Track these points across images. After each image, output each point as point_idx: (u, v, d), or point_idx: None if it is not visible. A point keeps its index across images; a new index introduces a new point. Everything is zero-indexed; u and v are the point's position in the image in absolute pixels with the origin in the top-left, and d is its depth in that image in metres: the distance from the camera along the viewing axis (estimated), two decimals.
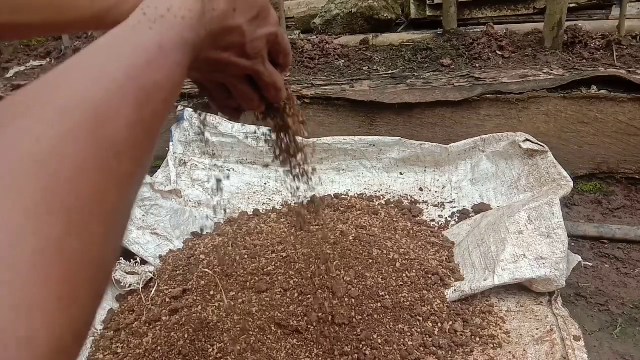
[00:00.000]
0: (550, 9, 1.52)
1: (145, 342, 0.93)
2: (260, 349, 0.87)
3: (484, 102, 1.44)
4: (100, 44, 0.32)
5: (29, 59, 2.34)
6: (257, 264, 1.05)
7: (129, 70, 0.30)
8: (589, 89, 1.38)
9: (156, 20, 0.34)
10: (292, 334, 0.89)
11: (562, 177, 1.14)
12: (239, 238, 1.15)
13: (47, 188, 0.24)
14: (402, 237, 1.15)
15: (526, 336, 0.90)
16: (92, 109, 0.27)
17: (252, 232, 1.19)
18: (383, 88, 1.52)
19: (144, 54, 0.32)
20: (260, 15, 0.45)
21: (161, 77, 0.32)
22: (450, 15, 1.76)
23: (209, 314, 0.95)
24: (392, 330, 0.89)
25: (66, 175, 0.25)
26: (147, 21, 0.34)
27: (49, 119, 0.26)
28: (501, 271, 0.96)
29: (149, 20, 0.34)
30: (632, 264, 1.15)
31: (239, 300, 0.97)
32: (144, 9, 0.35)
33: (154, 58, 0.32)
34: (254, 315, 0.93)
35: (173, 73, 0.34)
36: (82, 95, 0.28)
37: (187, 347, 0.89)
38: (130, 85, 0.30)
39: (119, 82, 0.29)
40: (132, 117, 0.30)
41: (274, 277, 1.01)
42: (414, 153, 1.43)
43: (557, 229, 0.97)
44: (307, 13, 2.28)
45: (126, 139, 0.29)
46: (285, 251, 1.09)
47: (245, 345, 0.87)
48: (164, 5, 0.35)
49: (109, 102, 0.28)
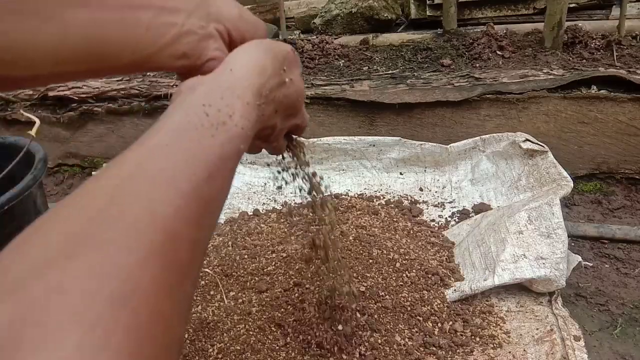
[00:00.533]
0: (550, 9, 1.52)
1: None
2: (261, 349, 0.87)
3: (484, 102, 1.44)
4: (162, 144, 0.31)
5: None
6: (257, 264, 1.05)
7: (193, 184, 0.30)
8: (589, 89, 1.38)
9: (218, 126, 0.34)
10: None
11: (562, 177, 1.14)
12: (239, 238, 1.15)
13: (129, 327, 0.23)
14: (402, 237, 1.15)
15: (526, 336, 0.90)
16: (163, 230, 0.26)
17: (252, 232, 1.19)
18: (383, 88, 1.52)
19: (206, 166, 0.31)
20: (293, 113, 0.48)
21: (217, 189, 0.32)
22: (450, 15, 1.76)
23: (209, 314, 0.95)
24: (392, 330, 0.89)
25: (143, 311, 0.24)
26: (209, 126, 0.33)
27: (125, 243, 0.25)
28: (501, 271, 0.96)
29: (211, 125, 0.33)
30: (632, 264, 1.15)
31: (239, 300, 0.97)
32: (205, 106, 0.34)
33: (215, 170, 0.32)
34: (253, 315, 0.93)
35: (227, 182, 0.34)
36: (154, 213, 0.27)
37: (187, 347, 0.89)
38: (193, 200, 0.29)
39: (186, 197, 0.29)
40: (193, 235, 0.29)
41: (274, 277, 1.01)
42: (414, 153, 1.43)
43: (557, 229, 0.97)
44: (307, 13, 2.28)
45: (189, 260, 0.28)
46: (285, 251, 1.09)
47: (245, 345, 0.87)
48: (226, 110, 0.35)
49: (178, 220, 0.28)
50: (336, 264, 0.81)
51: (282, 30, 2.14)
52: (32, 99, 1.86)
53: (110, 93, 1.80)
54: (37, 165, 1.07)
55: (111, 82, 1.85)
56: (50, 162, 1.86)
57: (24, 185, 1.00)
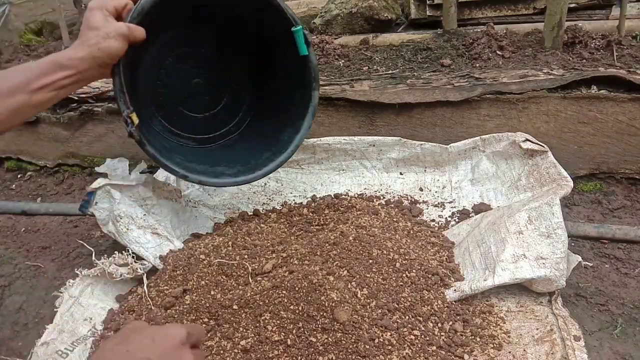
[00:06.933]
0: (550, 9, 1.52)
1: None
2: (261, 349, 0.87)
3: (484, 102, 1.44)
4: None
5: (29, 59, 2.34)
6: (257, 264, 1.05)
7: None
8: (589, 89, 1.37)
9: None
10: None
11: (562, 177, 1.14)
12: (239, 238, 1.15)
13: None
14: (402, 237, 1.15)
15: (526, 336, 0.90)
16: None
17: (252, 232, 1.19)
18: (383, 88, 1.52)
19: None
20: None
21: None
22: (450, 15, 1.76)
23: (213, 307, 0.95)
24: (392, 330, 0.89)
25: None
26: None
27: None
28: (501, 271, 0.96)
29: None
30: (632, 264, 1.15)
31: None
32: None
33: None
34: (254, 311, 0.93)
35: None
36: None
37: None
38: None
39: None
40: None
41: (274, 277, 1.01)
42: (414, 153, 1.43)
43: (557, 229, 0.97)
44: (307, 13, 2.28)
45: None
46: (285, 251, 1.09)
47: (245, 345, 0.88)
48: None
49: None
50: None
51: None
52: None
53: (110, 93, 1.80)
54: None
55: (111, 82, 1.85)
56: (50, 162, 1.86)
57: None
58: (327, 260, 1.03)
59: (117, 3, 0.93)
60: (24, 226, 1.55)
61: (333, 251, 1.05)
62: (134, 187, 1.22)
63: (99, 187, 1.18)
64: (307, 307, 0.90)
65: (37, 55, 2.38)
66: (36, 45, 2.64)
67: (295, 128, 1.27)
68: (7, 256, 1.38)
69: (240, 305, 0.94)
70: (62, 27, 2.37)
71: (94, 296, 1.06)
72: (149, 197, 1.24)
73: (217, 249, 1.11)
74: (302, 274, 0.97)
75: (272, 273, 1.02)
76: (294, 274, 0.98)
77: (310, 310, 0.90)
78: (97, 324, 1.01)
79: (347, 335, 0.86)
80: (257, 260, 1.06)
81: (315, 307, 0.90)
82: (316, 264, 1.01)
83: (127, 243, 1.14)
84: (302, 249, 1.08)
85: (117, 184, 1.20)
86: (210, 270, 1.05)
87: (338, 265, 1.01)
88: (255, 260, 1.06)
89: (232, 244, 1.12)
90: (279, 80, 1.34)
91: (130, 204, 1.20)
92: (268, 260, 1.06)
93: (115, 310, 1.05)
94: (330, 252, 1.05)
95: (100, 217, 1.18)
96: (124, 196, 1.19)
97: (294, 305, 0.91)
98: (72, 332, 0.97)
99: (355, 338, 0.86)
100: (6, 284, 1.26)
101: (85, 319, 1.01)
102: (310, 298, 0.91)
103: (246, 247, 1.11)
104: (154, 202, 1.25)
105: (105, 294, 1.09)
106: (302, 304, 0.91)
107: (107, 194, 1.18)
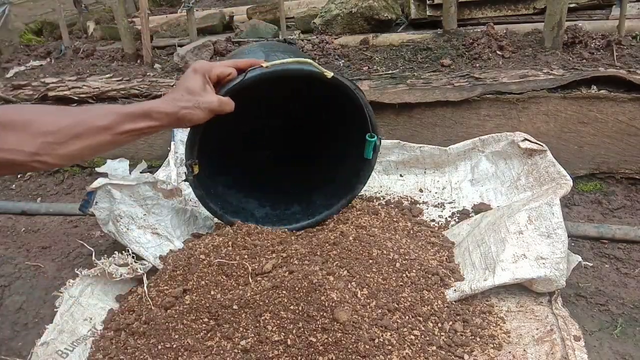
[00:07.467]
0: (550, 9, 1.52)
1: None
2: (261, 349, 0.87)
3: (484, 102, 1.44)
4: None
5: (29, 59, 2.34)
6: (257, 264, 1.05)
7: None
8: (589, 89, 1.38)
9: None
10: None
11: (561, 175, 1.14)
12: (239, 238, 1.15)
13: None
14: (402, 237, 1.15)
15: (526, 336, 0.90)
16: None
17: (252, 232, 1.19)
18: (383, 88, 1.52)
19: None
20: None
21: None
22: (450, 15, 1.76)
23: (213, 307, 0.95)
24: (392, 330, 0.89)
25: None
26: None
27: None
28: (501, 271, 0.96)
29: None
30: (632, 264, 1.15)
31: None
32: None
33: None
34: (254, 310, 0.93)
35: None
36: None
37: None
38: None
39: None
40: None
41: (274, 277, 1.01)
42: (413, 155, 1.43)
43: (557, 229, 0.97)
44: (307, 13, 2.28)
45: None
46: (285, 251, 1.09)
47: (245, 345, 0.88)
48: None
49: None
50: None
51: (282, 30, 2.14)
52: (33, 99, 1.86)
53: (110, 93, 1.80)
54: None
55: (111, 82, 1.85)
56: None
57: None
58: (327, 260, 1.03)
59: (220, 72, 0.97)
60: (24, 226, 1.55)
61: (333, 251, 1.05)
62: (135, 187, 1.22)
63: (99, 186, 1.18)
64: (307, 307, 0.90)
65: (37, 55, 2.38)
66: (36, 45, 2.64)
67: (328, 204, 1.29)
68: (7, 256, 1.37)
69: (240, 305, 0.94)
70: (62, 27, 2.37)
71: (94, 296, 1.06)
72: (149, 197, 1.24)
73: (217, 249, 1.11)
74: (302, 274, 0.97)
75: (272, 273, 1.02)
76: (294, 274, 0.98)
77: (310, 310, 0.90)
78: (97, 324, 1.01)
79: (347, 335, 0.86)
80: (257, 260, 1.06)
81: (315, 307, 0.90)
82: (316, 264, 1.01)
83: (127, 243, 1.14)
84: (302, 249, 1.08)
85: (117, 183, 1.20)
86: (210, 270, 1.05)
87: (338, 265, 1.01)
88: (255, 260, 1.06)
89: (232, 244, 1.12)
90: (332, 165, 1.37)
91: (131, 203, 1.20)
92: (268, 260, 1.06)
93: (115, 310, 1.05)
94: (330, 252, 1.05)
95: (100, 216, 1.18)
96: (124, 196, 1.19)
97: (294, 305, 0.91)
98: (72, 332, 0.97)
99: (355, 338, 0.85)
100: (6, 284, 1.26)
101: (85, 319, 1.01)
102: (310, 298, 0.91)
103: (246, 247, 1.11)
104: (154, 202, 1.25)
105: (105, 294, 1.09)
106: (302, 304, 0.91)
107: (107, 193, 1.18)
